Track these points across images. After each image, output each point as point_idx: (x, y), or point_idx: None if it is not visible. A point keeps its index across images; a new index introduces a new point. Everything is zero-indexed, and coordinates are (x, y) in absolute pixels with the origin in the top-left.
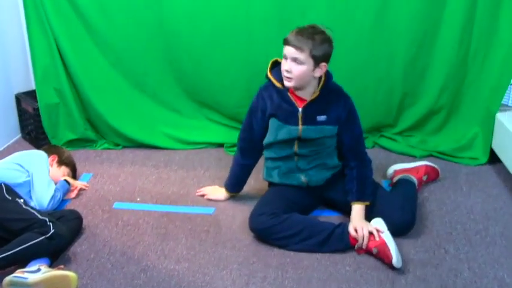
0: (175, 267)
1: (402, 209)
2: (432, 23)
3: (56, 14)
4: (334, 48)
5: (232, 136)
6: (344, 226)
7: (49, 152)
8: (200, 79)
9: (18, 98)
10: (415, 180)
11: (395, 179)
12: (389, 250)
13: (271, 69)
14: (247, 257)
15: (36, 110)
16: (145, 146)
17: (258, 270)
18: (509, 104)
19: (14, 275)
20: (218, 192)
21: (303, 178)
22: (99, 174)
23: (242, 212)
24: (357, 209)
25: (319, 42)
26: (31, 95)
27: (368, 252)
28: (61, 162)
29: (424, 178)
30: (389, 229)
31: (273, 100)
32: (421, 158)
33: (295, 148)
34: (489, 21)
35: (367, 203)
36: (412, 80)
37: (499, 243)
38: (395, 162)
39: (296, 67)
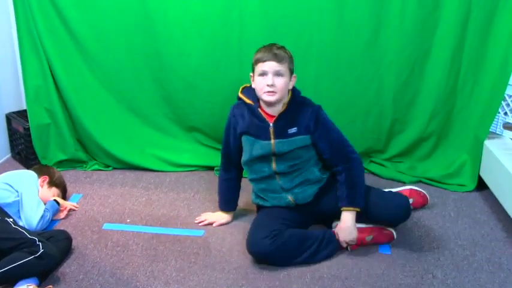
0: None
1: (395, 196)
2: (422, 51)
3: (48, 34)
4: (324, 74)
5: None
6: (329, 232)
7: (40, 172)
8: (191, 102)
9: (9, 118)
10: None
11: None
12: (385, 228)
13: (241, 91)
14: (236, 279)
15: (27, 129)
16: (136, 168)
17: None
18: (497, 132)
19: None
20: (220, 215)
21: (289, 197)
22: (89, 195)
23: (232, 234)
24: (346, 216)
25: (290, 55)
26: (22, 114)
27: (362, 243)
28: (52, 183)
29: (410, 201)
30: (388, 218)
31: (244, 117)
32: (410, 183)
33: (274, 166)
34: (478, 49)
35: (358, 209)
36: (402, 106)
37: (486, 269)
38: (384, 187)
39: (278, 80)
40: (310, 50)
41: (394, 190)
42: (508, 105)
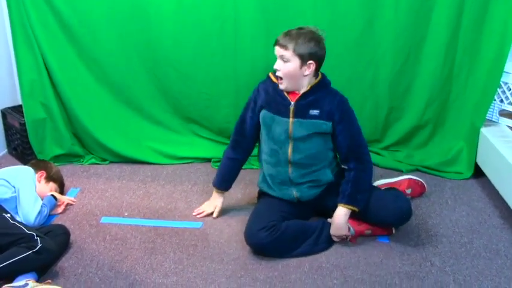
0: (164, 281)
1: (397, 198)
2: (417, 39)
3: (42, 28)
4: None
5: (219, 151)
6: (328, 224)
7: (37, 168)
8: (187, 94)
9: (4, 113)
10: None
11: None
12: None
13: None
14: (235, 270)
15: (23, 125)
16: (133, 161)
17: (245, 284)
18: (493, 119)
19: None
20: (213, 202)
21: (294, 193)
22: (86, 189)
23: (230, 226)
24: (341, 212)
25: (303, 41)
26: (17, 110)
27: (361, 235)
28: (49, 178)
29: (408, 191)
30: (388, 221)
31: (268, 92)
32: (407, 172)
33: (289, 153)
34: (473, 36)
35: (356, 209)
36: (398, 95)
37: (483, 256)
38: (382, 176)
39: (283, 65)
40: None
41: (393, 180)
42: (503, 92)
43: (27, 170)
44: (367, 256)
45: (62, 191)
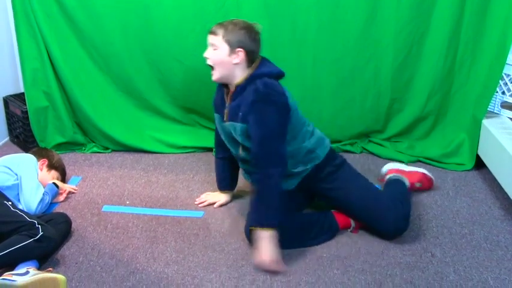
0: (165, 270)
1: (395, 216)
2: (419, 31)
3: (45, 17)
4: (322, 55)
5: None
6: (330, 215)
7: (39, 156)
8: (188, 84)
9: (6, 101)
10: (407, 182)
11: (386, 178)
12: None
13: None
14: (236, 260)
15: (25, 113)
16: (134, 150)
17: (246, 273)
18: (495, 111)
19: (2, 277)
20: (216, 195)
21: None
22: (88, 178)
23: (231, 215)
24: (261, 237)
25: (232, 28)
26: (19, 97)
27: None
28: (51, 166)
29: (417, 185)
30: (379, 234)
31: (218, 95)
32: (409, 163)
33: (241, 154)
34: (476, 28)
35: (271, 229)
36: (400, 86)
37: (484, 247)
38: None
39: (213, 53)
40: (307, 31)
41: (406, 169)
42: (505, 84)
43: (30, 157)
44: (368, 246)
45: (63, 179)
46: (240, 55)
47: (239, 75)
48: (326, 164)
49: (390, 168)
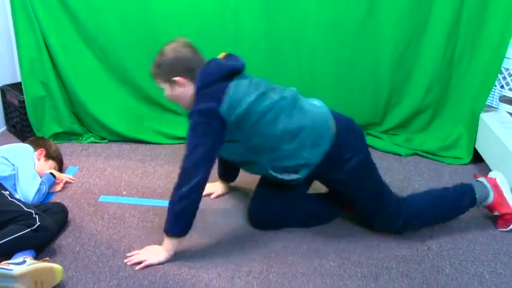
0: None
1: (390, 225)
2: (419, 24)
3: (42, 6)
4: (320, 47)
5: None
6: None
7: (36, 145)
8: None
9: (3, 90)
10: (490, 197)
11: (478, 179)
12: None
13: None
14: (232, 251)
15: (22, 102)
16: (132, 140)
17: (243, 264)
18: (493, 105)
19: None
20: (214, 185)
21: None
22: (85, 168)
23: (228, 206)
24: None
25: (158, 65)
26: (16, 87)
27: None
28: (48, 156)
29: (496, 213)
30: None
31: None
32: (406, 156)
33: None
34: (475, 23)
35: (172, 237)
36: (399, 79)
37: (480, 241)
38: (380, 160)
39: (164, 93)
40: (306, 23)
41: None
42: (504, 78)
43: (27, 147)
44: (364, 239)
45: (60, 169)
46: (181, 82)
47: (190, 99)
48: (332, 158)
49: (497, 179)
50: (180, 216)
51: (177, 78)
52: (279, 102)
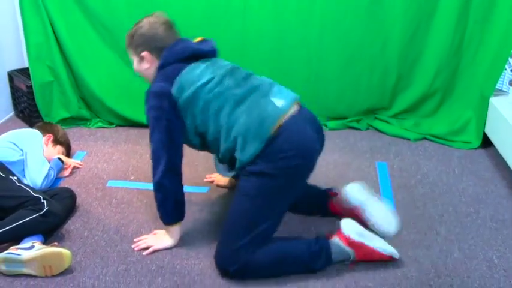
0: None
1: (229, 257)
2: (428, 7)
3: None
4: (328, 31)
5: None
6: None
7: (44, 131)
8: None
9: (11, 76)
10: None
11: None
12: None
13: None
14: None
15: (30, 87)
16: (140, 125)
17: None
18: (503, 89)
19: (7, 251)
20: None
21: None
22: (93, 153)
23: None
24: (167, 229)
25: (131, 35)
26: (24, 72)
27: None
28: (56, 141)
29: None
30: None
31: None
32: (415, 140)
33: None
34: (485, 5)
35: (167, 225)
36: (407, 63)
37: (489, 226)
38: (389, 144)
39: (133, 65)
40: (313, 7)
41: (366, 243)
42: None
43: (35, 133)
44: None
45: (68, 154)
46: (147, 58)
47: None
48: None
49: (347, 230)
50: (164, 205)
51: (144, 54)
52: (229, 91)
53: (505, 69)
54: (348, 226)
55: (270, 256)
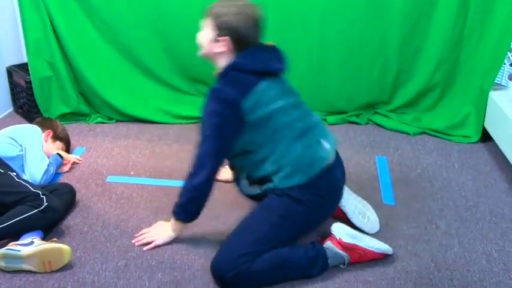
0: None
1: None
2: (428, 2)
3: None
4: (328, 25)
5: None
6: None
7: (43, 126)
8: (193, 54)
9: (10, 71)
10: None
11: (325, 244)
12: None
13: None
14: None
15: (29, 83)
16: (139, 120)
17: None
18: (502, 83)
19: (7, 247)
20: (227, 172)
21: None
22: (92, 148)
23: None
24: (171, 222)
25: (223, 11)
26: (23, 67)
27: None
28: (56, 137)
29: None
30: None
31: None
32: (415, 135)
33: None
34: (484, 0)
35: (178, 221)
36: (407, 57)
37: (488, 220)
38: (389, 139)
39: (201, 33)
40: (314, 1)
41: (361, 245)
42: None
43: (35, 129)
44: None
45: (68, 150)
46: (226, 44)
47: (222, 63)
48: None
49: (338, 234)
50: (188, 204)
51: (225, 39)
52: (294, 123)
53: (504, 64)
54: (339, 229)
55: (267, 263)
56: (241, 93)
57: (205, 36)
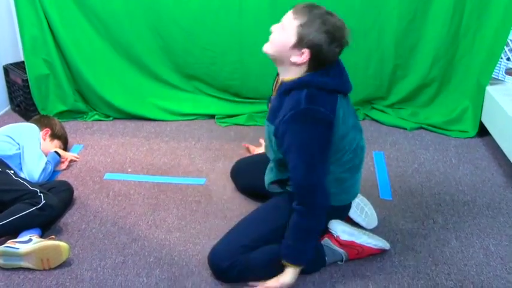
0: (167, 237)
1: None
2: None
3: None
4: None
5: (223, 108)
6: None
7: (41, 125)
8: (190, 51)
9: (7, 69)
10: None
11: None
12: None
13: None
14: None
15: (26, 81)
16: (136, 118)
17: None
18: (499, 78)
19: (5, 245)
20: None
21: None
22: (89, 146)
23: (233, 182)
24: (288, 271)
25: (316, 24)
26: (20, 66)
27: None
28: (54, 135)
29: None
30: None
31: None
32: (412, 130)
33: (273, 164)
34: None
35: (297, 267)
36: (404, 52)
37: (485, 214)
38: (386, 134)
39: (278, 31)
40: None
41: (358, 242)
42: (511, 50)
43: (32, 127)
44: None
45: (65, 148)
46: (304, 57)
47: (292, 73)
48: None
49: (336, 231)
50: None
51: (306, 53)
52: (359, 148)
53: (501, 58)
54: (336, 226)
55: (264, 257)
56: (330, 111)
57: (285, 38)
